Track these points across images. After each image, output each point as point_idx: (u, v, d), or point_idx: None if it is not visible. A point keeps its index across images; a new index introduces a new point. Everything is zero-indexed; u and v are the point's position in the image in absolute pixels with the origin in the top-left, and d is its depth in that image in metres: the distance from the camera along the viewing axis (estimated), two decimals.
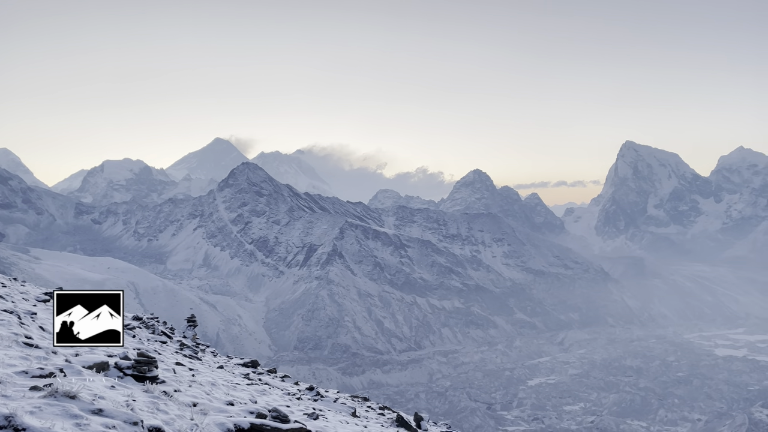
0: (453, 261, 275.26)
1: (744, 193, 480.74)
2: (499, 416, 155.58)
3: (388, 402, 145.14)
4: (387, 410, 22.03)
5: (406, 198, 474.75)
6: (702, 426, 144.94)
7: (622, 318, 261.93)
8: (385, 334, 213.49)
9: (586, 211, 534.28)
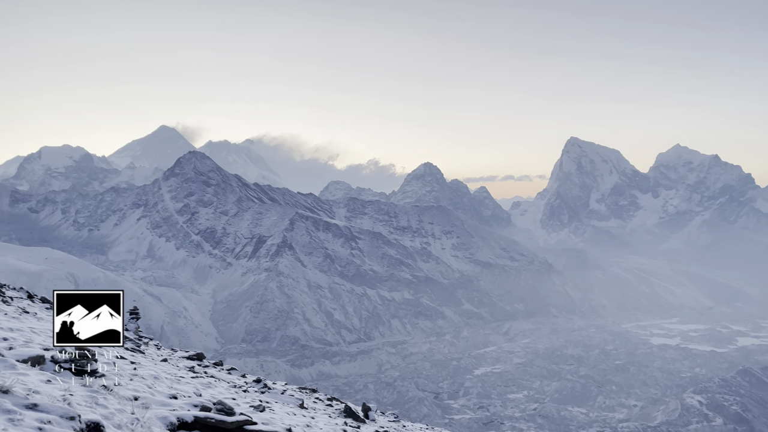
0: (403, 253, 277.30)
1: (680, 189, 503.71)
2: (446, 405, 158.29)
3: (337, 393, 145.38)
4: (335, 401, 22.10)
5: (358, 190, 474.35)
6: (638, 411, 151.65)
7: (565, 308, 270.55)
8: (335, 326, 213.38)
9: (532, 204, 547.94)
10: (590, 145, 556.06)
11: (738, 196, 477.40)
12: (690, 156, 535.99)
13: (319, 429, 13.18)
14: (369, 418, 20.24)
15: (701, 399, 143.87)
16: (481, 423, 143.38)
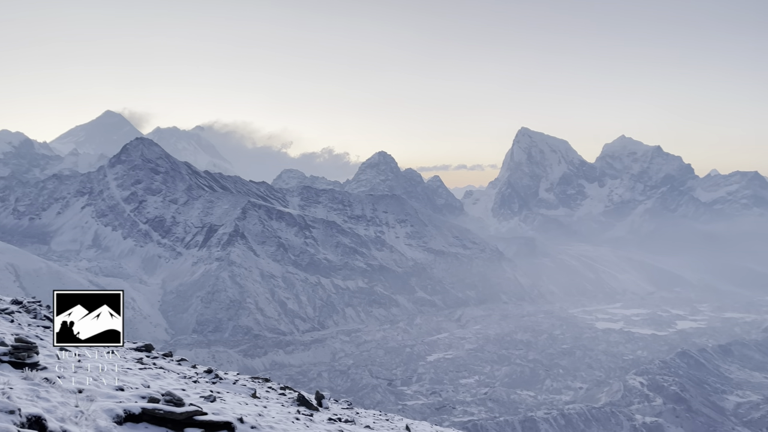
0: (357, 242, 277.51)
1: (624, 179, 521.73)
2: (399, 392, 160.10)
3: (290, 382, 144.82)
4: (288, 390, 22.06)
5: (312, 178, 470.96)
6: (583, 393, 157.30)
7: (515, 295, 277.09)
8: (289, 315, 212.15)
9: (483, 193, 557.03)
10: (540, 136, 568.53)
11: (678, 186, 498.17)
12: (634, 147, 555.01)
13: (272, 418, 13.15)
14: (322, 406, 20.32)
15: (642, 380, 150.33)
16: (433, 408, 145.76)
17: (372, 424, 19.35)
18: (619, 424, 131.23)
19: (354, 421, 18.46)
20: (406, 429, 20.38)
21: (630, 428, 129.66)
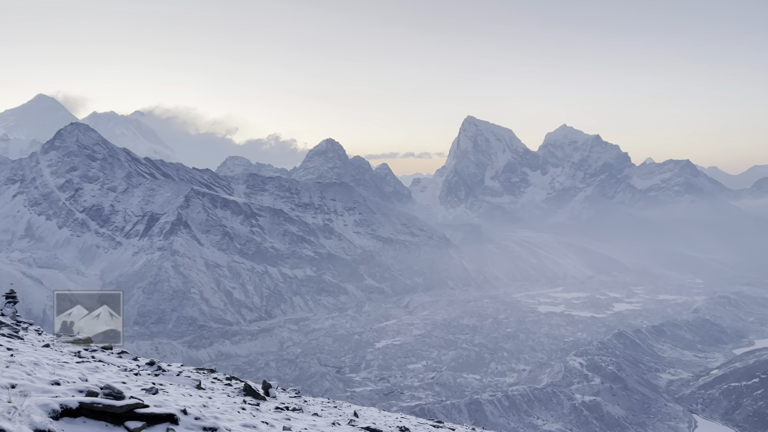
0: (305, 230, 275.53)
1: (565, 167, 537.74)
2: (347, 379, 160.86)
3: (237, 372, 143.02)
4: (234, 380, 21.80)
5: (258, 166, 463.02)
6: (526, 375, 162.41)
7: (461, 281, 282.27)
8: (235, 305, 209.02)
9: (431, 181, 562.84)
10: (485, 124, 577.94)
11: (616, 174, 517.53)
12: (575, 136, 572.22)
13: (217, 408, 12.99)
14: (270, 395, 20.20)
15: (582, 361, 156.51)
16: (381, 394, 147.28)
17: (320, 412, 19.39)
18: (560, 403, 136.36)
19: (302, 409, 18.45)
20: (354, 415, 20.53)
21: (570, 407, 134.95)
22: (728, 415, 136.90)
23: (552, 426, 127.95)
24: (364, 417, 21.32)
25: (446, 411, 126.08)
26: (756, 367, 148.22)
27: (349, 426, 16.92)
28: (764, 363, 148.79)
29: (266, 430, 11.70)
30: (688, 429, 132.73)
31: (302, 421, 15.23)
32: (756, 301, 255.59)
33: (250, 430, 11.18)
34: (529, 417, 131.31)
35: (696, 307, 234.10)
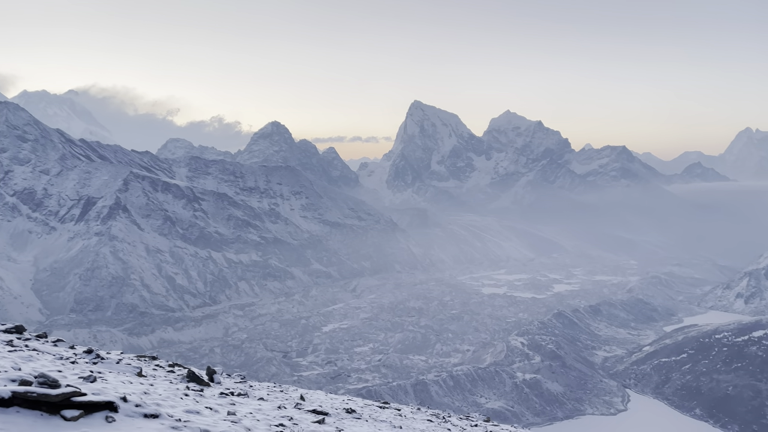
0: (250, 214, 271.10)
1: (509, 152, 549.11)
2: (294, 363, 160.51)
3: (180, 360, 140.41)
4: (177, 367, 21.41)
5: (200, 148, 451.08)
6: (470, 355, 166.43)
7: (408, 264, 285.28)
8: (177, 291, 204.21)
9: (378, 165, 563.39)
10: (432, 109, 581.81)
11: (557, 159, 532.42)
12: (518, 122, 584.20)
13: (159, 395, 12.77)
14: (214, 381, 19.96)
15: (523, 340, 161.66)
16: (329, 377, 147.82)
17: (266, 396, 19.34)
18: (502, 382, 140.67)
19: (247, 394, 18.36)
20: (300, 399, 20.58)
21: (512, 385, 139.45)
22: (659, 389, 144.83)
23: (494, 404, 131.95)
24: (310, 400, 21.42)
25: (393, 392, 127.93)
26: (684, 344, 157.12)
27: (295, 409, 16.97)
28: (692, 339, 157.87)
29: (210, 416, 11.61)
30: (622, 403, 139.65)
31: (247, 406, 15.17)
32: (685, 281, 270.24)
33: (193, 415, 11.06)
34: (473, 395, 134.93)
35: (630, 287, 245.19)
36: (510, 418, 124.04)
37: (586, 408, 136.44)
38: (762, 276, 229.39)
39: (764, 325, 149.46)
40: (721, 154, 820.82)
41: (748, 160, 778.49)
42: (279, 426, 12.62)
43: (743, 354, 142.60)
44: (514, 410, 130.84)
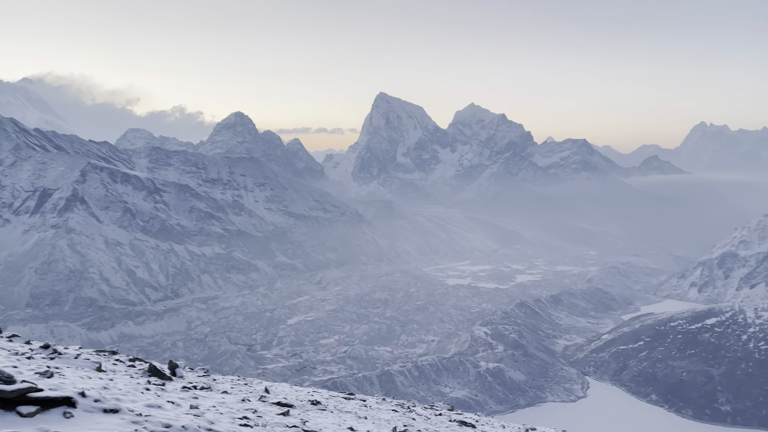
0: (213, 206, 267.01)
1: (473, 145, 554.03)
2: (259, 356, 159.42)
3: (142, 354, 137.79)
4: (138, 362, 21.04)
5: (161, 139, 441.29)
6: (435, 345, 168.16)
7: (373, 256, 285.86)
8: (138, 285, 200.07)
9: (344, 157, 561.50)
10: (397, 101, 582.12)
11: (520, 152, 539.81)
12: (482, 114, 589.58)
13: (118, 390, 12.54)
14: (176, 375, 19.69)
15: (487, 330, 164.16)
16: (294, 370, 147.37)
17: (230, 389, 19.21)
18: (466, 371, 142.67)
19: (210, 388, 18.19)
20: (265, 391, 20.50)
21: (475, 374, 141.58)
22: (617, 376, 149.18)
23: (458, 393, 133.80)
24: (275, 393, 21.36)
25: (358, 383, 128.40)
26: (641, 331, 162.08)
27: (259, 402, 16.90)
28: (648, 327, 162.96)
29: (172, 410, 11.48)
30: (581, 390, 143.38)
31: (211, 399, 15.05)
32: (642, 271, 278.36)
33: (154, 410, 10.92)
34: (438, 385, 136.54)
35: (590, 277, 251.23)
36: (474, 406, 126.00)
37: (547, 395, 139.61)
38: (715, 266, 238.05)
39: (716, 313, 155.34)
40: (677, 148, 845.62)
41: (702, 153, 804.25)
42: (243, 419, 12.57)
43: (697, 341, 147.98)
44: (478, 399, 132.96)
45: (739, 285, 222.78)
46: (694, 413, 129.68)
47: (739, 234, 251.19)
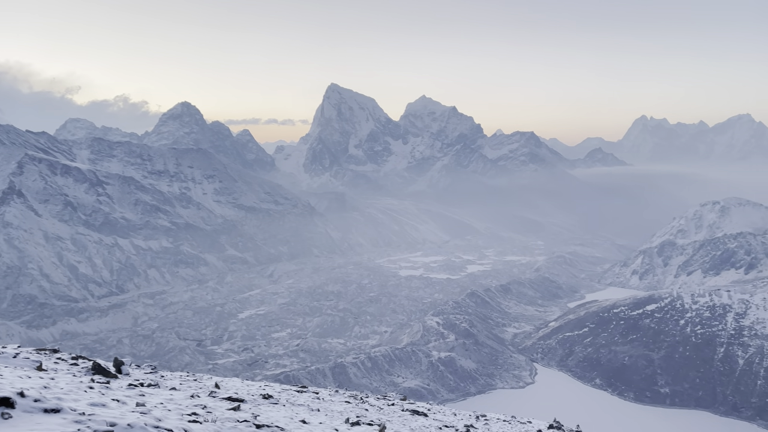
0: (160, 199, 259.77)
1: (425, 137, 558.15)
2: (209, 351, 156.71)
3: (85, 352, 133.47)
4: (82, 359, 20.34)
5: (104, 129, 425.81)
6: (388, 336, 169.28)
7: (326, 248, 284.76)
8: (81, 280, 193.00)
9: (295, 149, 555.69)
10: (349, 93, 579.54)
11: (470, 144, 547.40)
12: (434, 107, 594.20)
13: (60, 389, 12.10)
14: (122, 373, 19.16)
15: (438, 320, 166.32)
16: (245, 364, 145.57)
17: (178, 386, 18.83)
18: (418, 361, 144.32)
19: (158, 385, 17.78)
20: (215, 387, 20.20)
21: (427, 364, 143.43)
22: (563, 362, 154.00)
23: (411, 383, 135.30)
24: (226, 388, 21.08)
25: (311, 376, 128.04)
26: (586, 318, 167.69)
27: (209, 397, 16.64)
28: (593, 314, 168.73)
29: (117, 408, 11.17)
30: (530, 376, 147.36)
31: (158, 396, 14.71)
32: (587, 260, 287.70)
33: (99, 408, 10.61)
34: (390, 376, 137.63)
35: (537, 266, 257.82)
36: (426, 395, 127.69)
37: (497, 383, 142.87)
38: (654, 254, 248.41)
39: (656, 300, 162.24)
40: (619, 140, 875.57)
41: (643, 146, 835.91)
42: (192, 415, 12.36)
43: (638, 326, 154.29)
44: (430, 388, 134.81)
45: (677, 272, 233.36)
46: (635, 396, 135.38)
47: (677, 223, 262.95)
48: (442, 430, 21.39)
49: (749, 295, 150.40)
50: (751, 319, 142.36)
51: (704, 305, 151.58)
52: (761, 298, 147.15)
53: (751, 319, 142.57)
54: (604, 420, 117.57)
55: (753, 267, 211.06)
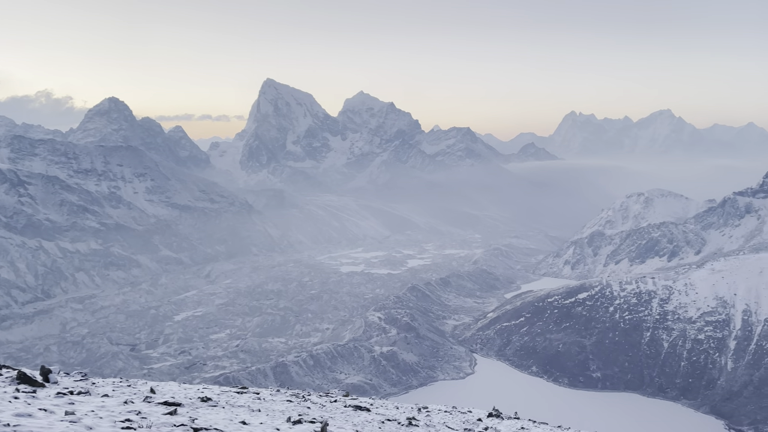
0: (87, 199, 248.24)
1: (363, 133, 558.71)
2: (144, 356, 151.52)
3: (10, 361, 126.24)
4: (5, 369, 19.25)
5: (24, 126, 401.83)
6: (330, 333, 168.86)
7: (265, 246, 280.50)
8: (3, 286, 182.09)
9: (231, 145, 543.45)
10: (286, 88, 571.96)
11: (408, 140, 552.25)
12: (372, 102, 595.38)
13: None
14: (50, 381, 18.25)
15: (380, 315, 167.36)
16: (183, 368, 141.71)
17: (111, 393, 18.13)
18: (360, 356, 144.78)
19: (89, 392, 17.06)
20: (150, 392, 19.57)
21: (370, 359, 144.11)
22: (501, 352, 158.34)
23: (354, 378, 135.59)
24: (161, 392, 20.47)
25: (252, 377, 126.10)
26: (522, 308, 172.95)
27: (144, 403, 16.12)
28: (528, 304, 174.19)
29: (45, 417, 10.65)
30: (470, 367, 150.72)
31: (89, 404, 14.13)
32: (522, 251, 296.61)
33: (24, 419, 10.09)
34: (333, 372, 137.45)
35: (475, 259, 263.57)
36: (369, 390, 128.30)
37: (438, 374, 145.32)
38: (585, 244, 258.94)
39: (587, 288, 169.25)
40: (550, 135, 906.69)
41: (572, 140, 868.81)
42: (126, 422, 11.94)
43: (571, 314, 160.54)
44: (373, 383, 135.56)
45: (606, 261, 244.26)
46: (569, 381, 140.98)
47: (605, 215, 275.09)
48: (384, 423, 21.58)
49: (672, 281, 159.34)
50: (674, 304, 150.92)
51: (631, 292, 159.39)
52: (683, 284, 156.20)
53: (674, 304, 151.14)
54: (540, 406, 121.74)
55: (675, 255, 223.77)
